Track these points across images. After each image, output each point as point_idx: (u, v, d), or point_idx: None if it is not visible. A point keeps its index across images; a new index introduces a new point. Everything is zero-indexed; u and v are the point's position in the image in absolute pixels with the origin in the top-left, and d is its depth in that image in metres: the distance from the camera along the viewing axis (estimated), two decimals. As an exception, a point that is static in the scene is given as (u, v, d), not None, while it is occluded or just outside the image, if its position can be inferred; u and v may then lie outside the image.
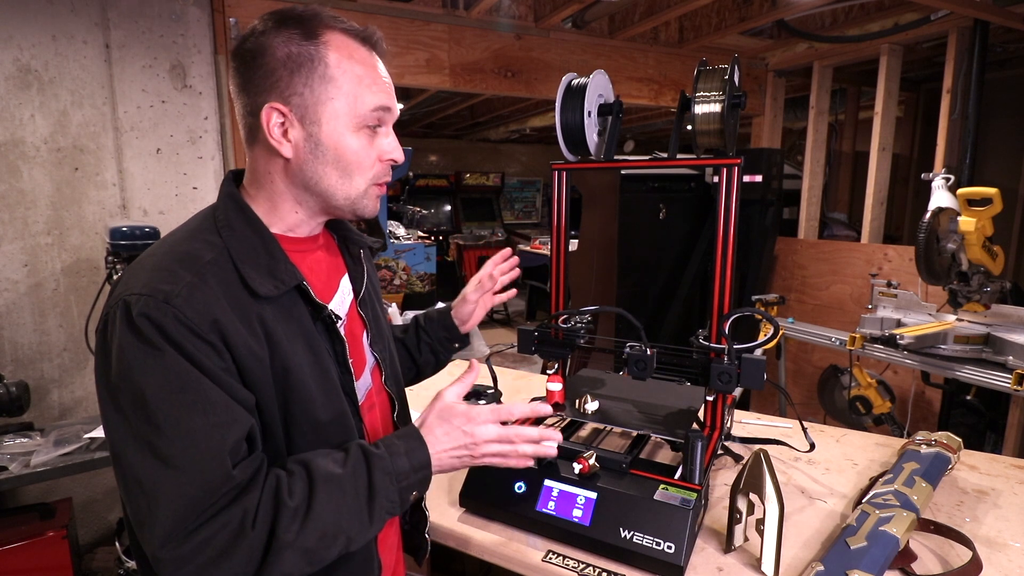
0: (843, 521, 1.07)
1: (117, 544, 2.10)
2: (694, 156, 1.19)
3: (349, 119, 0.78)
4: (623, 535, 0.99)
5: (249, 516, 0.66)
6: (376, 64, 0.80)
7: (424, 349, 1.21)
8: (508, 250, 1.28)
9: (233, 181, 0.84)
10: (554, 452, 0.87)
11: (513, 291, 1.29)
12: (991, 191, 2.04)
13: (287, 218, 0.82)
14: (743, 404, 3.00)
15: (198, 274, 0.71)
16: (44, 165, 2.22)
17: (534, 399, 1.54)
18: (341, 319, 0.85)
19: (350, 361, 0.84)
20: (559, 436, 0.87)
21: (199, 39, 2.45)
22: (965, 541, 1.02)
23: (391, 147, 0.83)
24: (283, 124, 0.76)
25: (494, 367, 1.31)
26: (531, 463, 0.86)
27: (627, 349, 1.12)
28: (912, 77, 4.26)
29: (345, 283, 0.92)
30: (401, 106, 5.39)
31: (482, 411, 0.82)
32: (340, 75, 0.76)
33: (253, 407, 0.72)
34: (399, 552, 1.02)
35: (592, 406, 1.26)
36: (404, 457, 0.76)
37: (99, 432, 1.86)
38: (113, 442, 0.68)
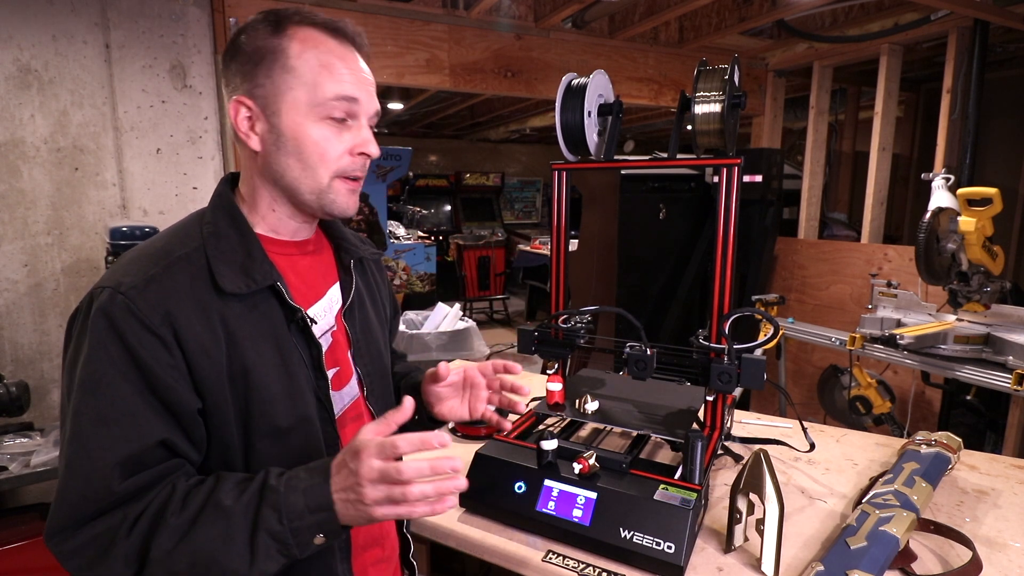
0: (843, 521, 1.07)
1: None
2: (694, 156, 1.19)
3: (310, 109, 0.76)
4: (623, 535, 0.98)
5: (127, 523, 0.66)
6: (346, 55, 0.79)
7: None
8: (517, 368, 0.98)
9: (229, 183, 0.85)
10: (463, 483, 0.69)
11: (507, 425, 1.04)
12: (991, 191, 2.04)
13: (267, 217, 0.82)
14: (743, 404, 3.00)
15: (165, 267, 0.72)
16: (44, 165, 2.22)
17: (534, 399, 1.54)
18: (317, 323, 0.83)
19: (326, 368, 0.82)
20: (459, 462, 0.68)
21: (199, 39, 2.45)
22: (965, 541, 1.02)
23: (364, 140, 0.80)
24: (250, 118, 0.78)
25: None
26: (441, 508, 0.67)
27: (627, 349, 1.12)
28: (912, 77, 4.26)
29: (334, 292, 0.90)
30: (400, 106, 5.39)
31: (370, 445, 0.67)
32: (300, 65, 0.76)
33: (191, 412, 0.71)
34: (396, 569, 0.99)
35: (592, 406, 1.26)
36: (301, 495, 0.67)
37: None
38: None
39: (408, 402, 0.73)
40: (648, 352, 1.11)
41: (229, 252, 0.76)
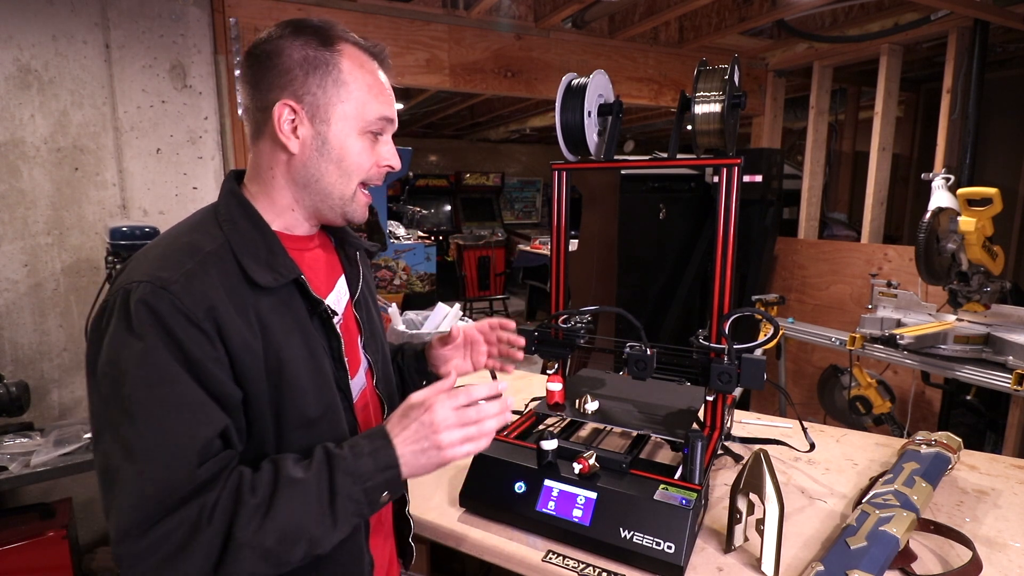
0: (843, 521, 1.07)
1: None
2: (694, 156, 1.19)
3: (356, 123, 0.82)
4: (623, 535, 0.99)
5: (206, 511, 0.66)
6: (383, 77, 0.86)
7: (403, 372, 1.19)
8: (512, 324, 1.17)
9: (235, 180, 0.86)
10: (511, 416, 0.85)
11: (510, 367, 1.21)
12: (991, 191, 2.04)
13: (284, 215, 0.85)
14: (743, 404, 3.00)
15: (199, 263, 0.73)
16: (44, 165, 2.22)
17: (534, 399, 1.54)
18: (338, 315, 0.87)
19: (345, 358, 0.85)
20: (511, 399, 0.83)
21: (199, 39, 2.45)
22: (965, 541, 1.02)
23: (390, 155, 0.87)
24: (293, 121, 0.80)
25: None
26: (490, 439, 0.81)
27: (627, 349, 1.12)
28: (912, 77, 4.25)
29: (341, 284, 0.94)
30: (401, 106, 5.39)
31: (439, 397, 0.77)
32: (352, 81, 0.81)
33: (236, 403, 0.73)
34: (392, 552, 1.02)
35: (592, 406, 1.26)
36: (368, 457, 0.73)
37: (99, 432, 1.85)
38: (92, 430, 0.70)
39: (453, 376, 0.85)
40: (648, 352, 1.11)
41: (252, 248, 0.78)
